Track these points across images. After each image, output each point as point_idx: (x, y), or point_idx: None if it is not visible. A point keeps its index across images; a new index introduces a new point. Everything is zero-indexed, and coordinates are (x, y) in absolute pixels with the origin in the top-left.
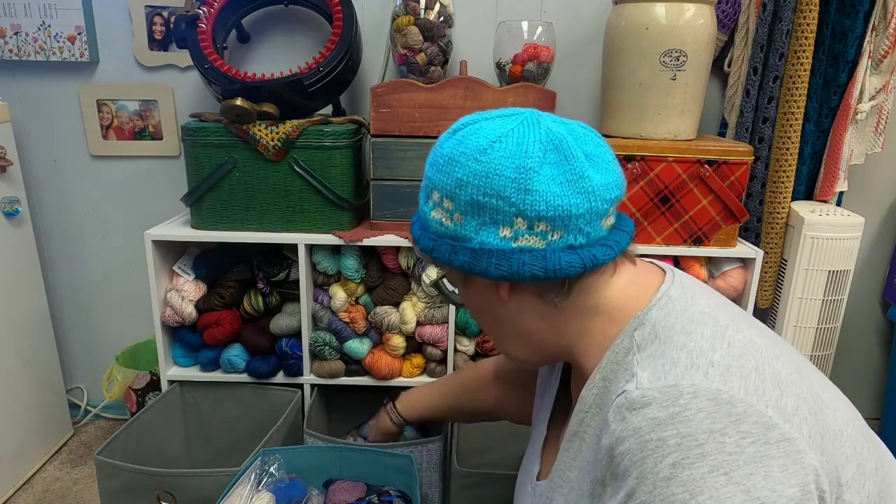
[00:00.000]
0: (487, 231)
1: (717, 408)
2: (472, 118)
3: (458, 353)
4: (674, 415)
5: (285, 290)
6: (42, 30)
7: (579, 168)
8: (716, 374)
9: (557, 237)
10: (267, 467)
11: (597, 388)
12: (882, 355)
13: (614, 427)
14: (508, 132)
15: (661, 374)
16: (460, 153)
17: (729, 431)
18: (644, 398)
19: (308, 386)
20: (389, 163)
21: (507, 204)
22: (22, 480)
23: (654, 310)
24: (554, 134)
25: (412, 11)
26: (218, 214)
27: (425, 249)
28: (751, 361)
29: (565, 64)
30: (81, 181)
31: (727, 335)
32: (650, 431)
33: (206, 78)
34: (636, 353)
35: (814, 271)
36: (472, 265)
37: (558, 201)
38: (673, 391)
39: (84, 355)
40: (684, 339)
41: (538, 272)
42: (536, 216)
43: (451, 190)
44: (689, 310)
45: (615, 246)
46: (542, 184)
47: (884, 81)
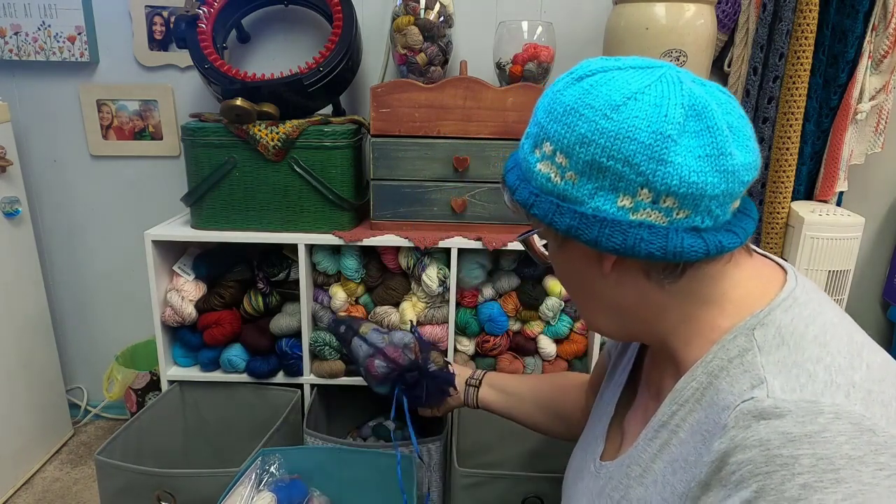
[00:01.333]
0: (604, 197)
1: (859, 434)
2: (601, 64)
3: (458, 353)
4: (811, 433)
5: (285, 290)
6: (42, 30)
7: (722, 142)
8: (858, 396)
9: (683, 216)
10: (267, 467)
11: (697, 382)
12: None
13: (735, 433)
14: (646, 88)
15: (796, 386)
16: (587, 105)
17: (867, 461)
18: (777, 409)
19: (308, 386)
20: (389, 163)
21: (635, 172)
22: (22, 480)
23: (779, 311)
24: (697, 98)
25: (412, 11)
26: (218, 214)
27: (523, 202)
28: (891, 388)
29: (565, 64)
30: (81, 181)
31: (865, 355)
32: (781, 446)
33: (206, 78)
34: (758, 356)
35: (814, 271)
36: (579, 231)
37: (694, 178)
38: (812, 407)
39: (84, 355)
40: (819, 350)
41: (656, 251)
42: (666, 190)
43: (570, 145)
44: (819, 319)
45: (741, 233)
46: (679, 155)
47: (884, 81)
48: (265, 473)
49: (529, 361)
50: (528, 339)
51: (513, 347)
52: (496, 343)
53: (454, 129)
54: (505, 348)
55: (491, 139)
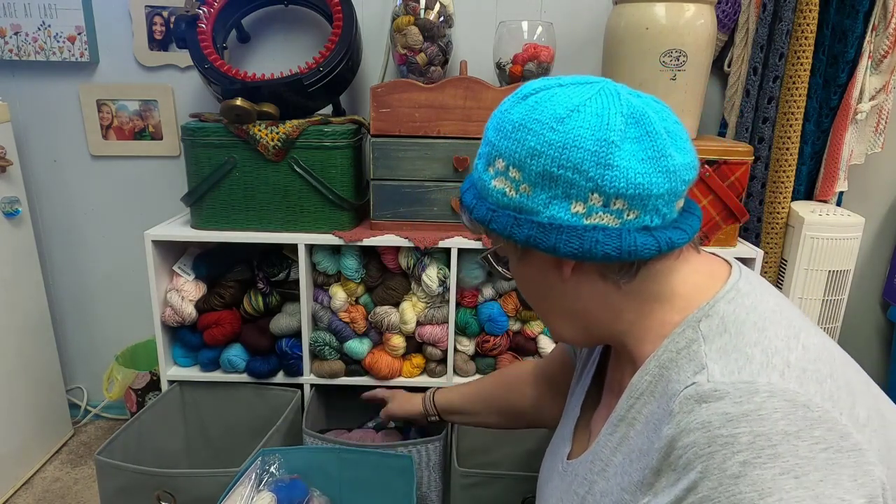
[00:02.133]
0: (558, 205)
1: (793, 410)
2: (543, 83)
3: (458, 353)
4: (748, 412)
5: (285, 290)
6: (42, 30)
7: (661, 145)
8: (792, 375)
9: (633, 217)
10: (267, 467)
11: (651, 375)
12: (882, 355)
13: (680, 418)
14: (587, 101)
15: (734, 369)
16: (534, 120)
17: (803, 435)
18: (716, 391)
19: (308, 386)
20: (389, 163)
21: (584, 178)
22: (22, 480)
23: (722, 302)
24: (635, 107)
25: (412, 11)
26: (218, 214)
27: (481, 220)
28: (826, 367)
29: (565, 64)
30: (81, 181)
31: (801, 337)
32: (721, 426)
33: (206, 78)
34: (702, 345)
35: (814, 271)
36: (538, 240)
37: (639, 179)
38: (748, 387)
39: (84, 355)
40: (757, 335)
41: (611, 252)
42: (615, 193)
43: (521, 159)
44: (760, 307)
45: (689, 230)
46: (623, 159)
47: (884, 81)
48: (265, 473)
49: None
50: (528, 339)
51: (513, 347)
52: (496, 343)
53: (454, 129)
54: (505, 348)
55: None
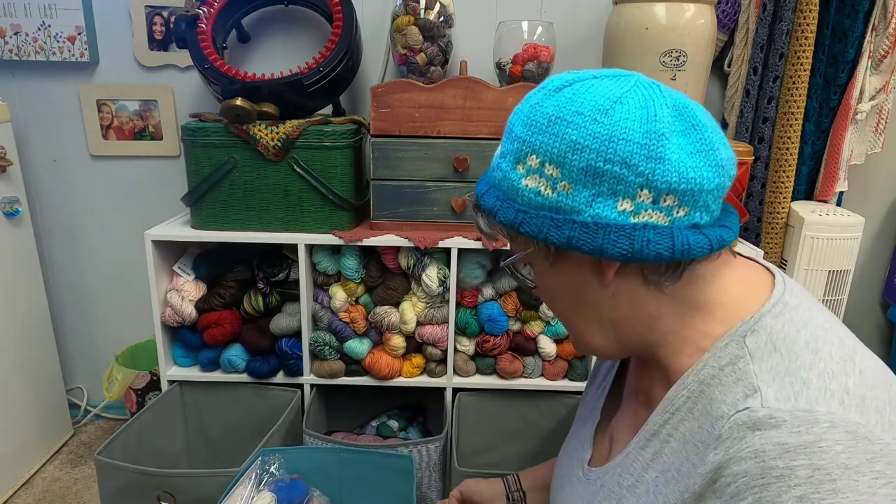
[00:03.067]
0: (603, 203)
1: (854, 442)
2: (574, 76)
3: (458, 353)
4: (807, 443)
5: (285, 290)
6: (42, 30)
7: (709, 139)
8: (852, 403)
9: (683, 214)
10: (267, 467)
11: (689, 390)
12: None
13: (730, 444)
14: (628, 92)
15: (790, 394)
16: (573, 112)
17: (864, 469)
18: (772, 419)
19: (308, 386)
20: (389, 163)
21: (634, 173)
22: (22, 480)
23: (769, 317)
24: (677, 99)
25: (412, 11)
26: (218, 214)
27: (509, 223)
28: (884, 393)
29: (565, 64)
30: (81, 181)
31: (857, 360)
32: (777, 457)
33: (206, 78)
34: (750, 363)
35: (814, 271)
36: (581, 241)
37: (692, 173)
38: (807, 416)
39: (84, 355)
40: (812, 357)
41: (664, 252)
42: (666, 188)
43: (561, 154)
44: (810, 324)
45: (734, 227)
46: (674, 152)
47: (884, 81)
48: (265, 473)
49: (529, 361)
50: (528, 339)
51: (513, 347)
52: (496, 343)
53: (454, 129)
54: (505, 348)
55: (491, 139)
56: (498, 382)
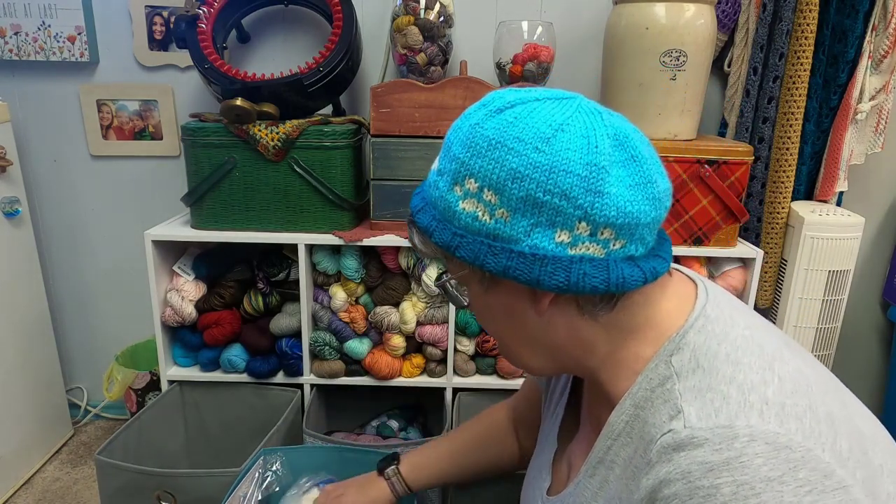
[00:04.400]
0: (542, 234)
1: (775, 453)
2: (517, 96)
3: (458, 353)
4: (729, 460)
5: (285, 290)
6: (42, 30)
7: (648, 170)
8: (771, 413)
9: (619, 246)
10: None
11: (627, 415)
12: (882, 355)
13: (659, 468)
14: (570, 119)
15: (711, 412)
16: (514, 138)
17: (787, 479)
18: (694, 439)
19: (308, 386)
20: (389, 163)
21: (573, 206)
22: (22, 480)
23: (692, 333)
24: (617, 128)
25: (412, 11)
26: (218, 214)
27: (444, 245)
28: (804, 399)
29: (565, 64)
30: (81, 181)
31: (776, 367)
32: (702, 477)
33: (206, 78)
34: (676, 383)
35: (814, 271)
36: (518, 271)
37: (630, 207)
38: (727, 433)
39: (84, 355)
40: (732, 370)
41: (599, 285)
42: (605, 222)
43: (500, 181)
44: (731, 334)
45: (667, 256)
46: (613, 185)
47: (884, 81)
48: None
49: None
50: None
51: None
52: (496, 343)
53: None
54: None
55: None
56: (498, 382)
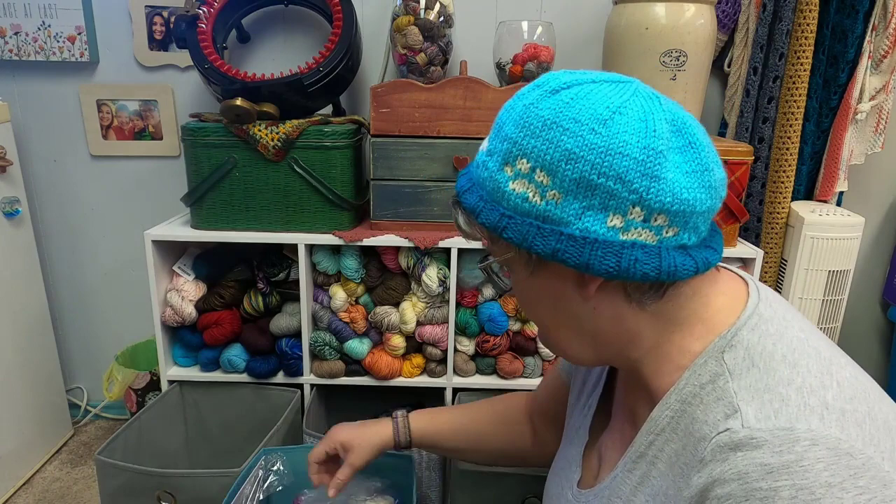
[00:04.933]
0: (593, 217)
1: (837, 459)
2: (573, 77)
3: (458, 353)
4: (789, 463)
5: (285, 290)
6: (42, 30)
7: (705, 158)
8: (832, 418)
9: (672, 234)
10: (271, 467)
11: (672, 410)
12: (882, 355)
13: (713, 467)
14: (627, 102)
15: (770, 413)
16: (570, 119)
17: (847, 486)
18: (753, 440)
19: (308, 386)
20: (389, 163)
21: (628, 189)
22: (22, 480)
23: (745, 330)
24: (676, 114)
25: (412, 11)
26: (218, 214)
27: (492, 226)
28: (863, 405)
29: (565, 64)
30: (81, 181)
31: (834, 371)
32: (760, 479)
33: (206, 78)
34: (730, 381)
35: (814, 271)
36: (567, 254)
37: (686, 194)
38: (788, 435)
39: (84, 355)
40: (790, 372)
41: (650, 272)
42: (659, 208)
43: (554, 162)
44: (786, 335)
45: (719, 248)
46: (670, 171)
47: (884, 81)
48: (269, 473)
49: (529, 361)
50: (528, 339)
51: (513, 347)
52: (496, 343)
53: (454, 129)
54: (505, 348)
55: None
56: (498, 382)
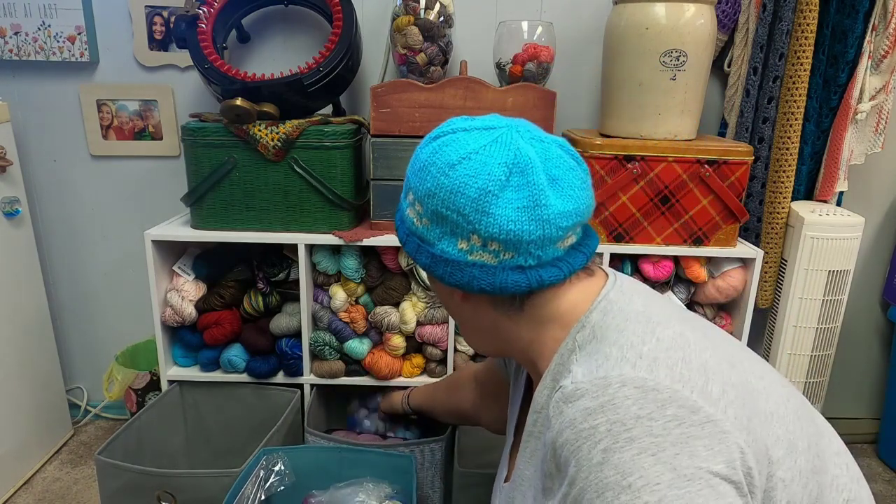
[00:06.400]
0: (448, 241)
1: (643, 395)
2: (454, 125)
3: (458, 353)
4: (603, 403)
5: (285, 290)
6: (42, 30)
7: (538, 195)
8: (643, 364)
9: (508, 257)
10: (271, 467)
11: (547, 388)
12: (882, 355)
13: (554, 421)
14: (479, 149)
15: (593, 368)
16: (432, 163)
17: (655, 416)
18: (577, 390)
19: (308, 386)
20: (389, 163)
21: (466, 221)
22: (22, 480)
23: (595, 313)
24: (522, 156)
25: (412, 11)
26: (218, 214)
27: (400, 240)
28: (678, 353)
29: (565, 64)
30: (81, 181)
31: (657, 330)
32: (583, 420)
33: (206, 78)
34: (576, 352)
35: (814, 271)
36: (432, 268)
37: (511, 226)
38: (602, 382)
39: (84, 355)
40: (616, 335)
41: (486, 287)
42: (490, 237)
43: (422, 196)
44: (626, 309)
45: (566, 268)
46: (499, 208)
47: (884, 81)
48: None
49: None
50: None
51: None
52: None
53: None
54: None
55: None
56: None
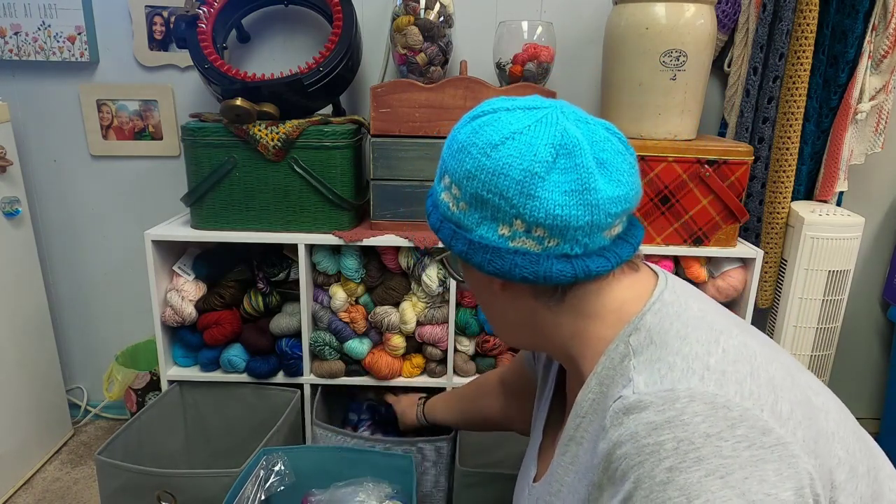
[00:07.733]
0: (487, 226)
1: (713, 412)
2: (494, 105)
3: (458, 353)
4: (671, 419)
5: (285, 290)
6: (42, 30)
7: (587, 179)
8: (711, 378)
9: (553, 244)
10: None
11: (593, 392)
12: (882, 355)
13: (611, 432)
14: (523, 129)
15: (657, 379)
16: (472, 144)
17: (725, 435)
18: (640, 402)
19: (308, 386)
20: (389, 163)
21: (509, 205)
22: (22, 480)
23: (649, 315)
24: (570, 137)
25: (412, 11)
26: (218, 214)
27: (433, 227)
28: (745, 366)
29: (565, 64)
30: (81, 181)
31: (722, 340)
32: (647, 435)
33: (206, 78)
34: (632, 358)
35: (814, 271)
36: (469, 255)
37: (558, 211)
38: (669, 395)
39: (84, 355)
40: (679, 343)
41: (528, 276)
42: (535, 222)
43: (460, 179)
44: (684, 315)
45: (613, 258)
46: (546, 191)
47: (884, 81)
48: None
49: None
50: None
51: (513, 347)
52: (496, 343)
53: None
54: (505, 348)
55: None
56: None
